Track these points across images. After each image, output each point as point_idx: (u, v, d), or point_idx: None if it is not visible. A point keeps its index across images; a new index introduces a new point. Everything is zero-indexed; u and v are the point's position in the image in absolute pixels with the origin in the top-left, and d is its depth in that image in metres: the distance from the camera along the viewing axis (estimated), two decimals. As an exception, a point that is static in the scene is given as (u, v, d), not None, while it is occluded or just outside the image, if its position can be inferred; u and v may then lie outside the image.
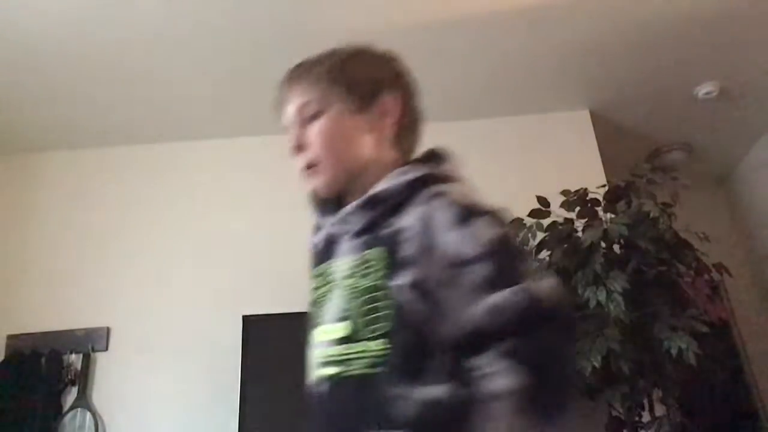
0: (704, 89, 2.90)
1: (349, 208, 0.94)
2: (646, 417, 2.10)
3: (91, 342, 2.66)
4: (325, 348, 0.90)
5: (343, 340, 0.87)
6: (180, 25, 2.35)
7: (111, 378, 2.63)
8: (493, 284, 0.79)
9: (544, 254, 2.26)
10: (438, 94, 2.86)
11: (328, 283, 0.94)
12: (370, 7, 2.31)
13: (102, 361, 2.66)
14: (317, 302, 0.96)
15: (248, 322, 2.50)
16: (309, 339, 0.96)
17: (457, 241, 0.84)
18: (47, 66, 2.52)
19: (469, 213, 0.87)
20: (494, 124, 3.07)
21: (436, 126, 3.53)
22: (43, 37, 2.36)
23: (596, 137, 3.00)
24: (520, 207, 2.56)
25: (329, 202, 1.01)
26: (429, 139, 3.26)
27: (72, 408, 2.54)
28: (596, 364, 1.91)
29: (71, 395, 2.58)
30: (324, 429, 0.90)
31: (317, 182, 0.98)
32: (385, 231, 0.88)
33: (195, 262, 2.84)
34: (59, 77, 2.59)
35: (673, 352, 1.89)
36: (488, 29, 2.47)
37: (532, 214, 2.28)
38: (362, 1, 2.28)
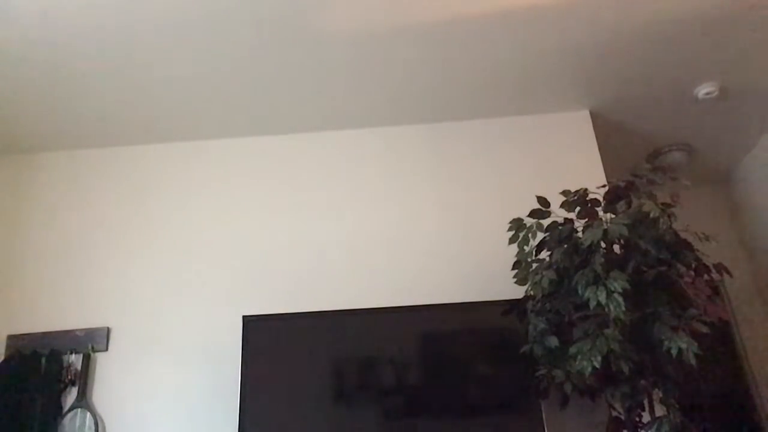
0: (704, 89, 2.90)
1: None
2: (646, 417, 2.10)
3: (91, 342, 2.67)
4: None
5: None
6: (181, 25, 2.35)
7: (111, 378, 2.63)
8: None
9: (544, 254, 2.26)
10: (438, 94, 2.87)
11: None
12: (371, 8, 2.31)
13: (102, 361, 2.66)
14: None
15: (248, 322, 2.50)
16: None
17: None
18: (48, 66, 2.52)
19: None
20: (494, 124, 3.07)
21: (436, 126, 3.56)
22: (43, 37, 2.36)
23: (596, 137, 3.00)
24: (520, 207, 2.56)
25: None
26: (430, 139, 3.28)
27: (72, 408, 2.55)
28: (596, 364, 1.90)
29: (71, 395, 2.58)
30: None
31: None
32: None
33: (195, 262, 2.84)
34: (60, 77, 2.59)
35: (673, 352, 1.89)
36: (488, 29, 2.47)
37: (532, 214, 2.28)
38: (363, 2, 2.28)
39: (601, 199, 2.25)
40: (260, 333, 2.47)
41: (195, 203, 2.98)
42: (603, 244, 2.10)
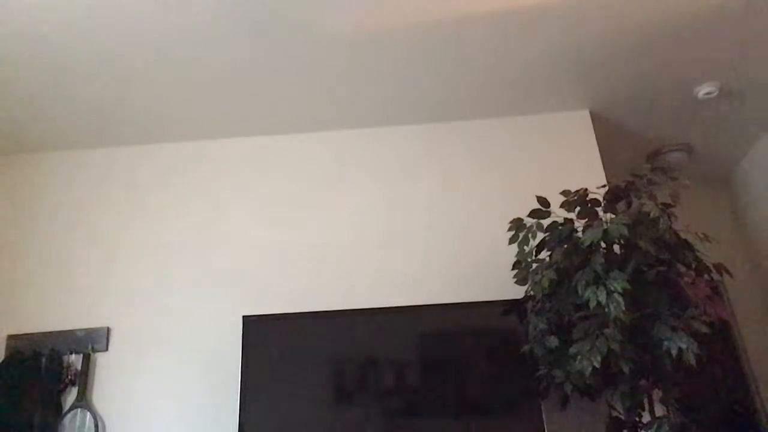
0: (704, 89, 2.90)
1: None
2: (646, 417, 2.10)
3: (91, 342, 2.67)
4: None
5: None
6: (181, 25, 2.35)
7: (111, 378, 2.63)
8: None
9: (544, 254, 2.26)
10: (438, 94, 2.87)
11: None
12: (372, 7, 2.31)
13: (102, 361, 2.66)
14: None
15: (248, 322, 2.50)
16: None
17: None
18: (47, 66, 2.52)
19: None
20: (495, 124, 3.07)
21: (436, 126, 3.56)
22: (43, 38, 2.36)
23: (596, 137, 3.00)
24: (520, 207, 2.56)
25: None
26: (429, 139, 3.29)
27: (72, 408, 2.55)
28: (596, 364, 1.90)
29: (71, 395, 2.58)
30: None
31: None
32: None
33: (195, 262, 2.84)
34: (60, 77, 2.59)
35: (673, 352, 1.89)
36: (488, 29, 2.47)
37: (532, 214, 2.28)
38: (363, 2, 2.28)
39: (601, 199, 2.24)
40: (260, 333, 2.48)
41: (195, 203, 2.98)
42: (603, 244, 2.10)
